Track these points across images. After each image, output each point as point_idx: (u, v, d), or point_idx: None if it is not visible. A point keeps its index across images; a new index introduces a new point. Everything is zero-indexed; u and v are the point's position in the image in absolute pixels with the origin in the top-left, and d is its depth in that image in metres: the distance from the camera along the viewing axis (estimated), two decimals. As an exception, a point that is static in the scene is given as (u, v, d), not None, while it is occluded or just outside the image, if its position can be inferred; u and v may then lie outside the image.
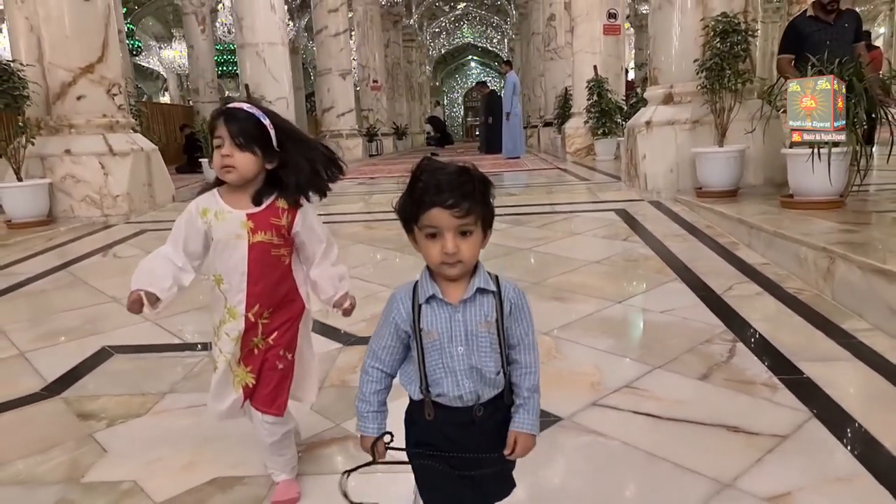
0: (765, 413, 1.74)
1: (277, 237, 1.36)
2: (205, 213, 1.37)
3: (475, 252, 0.96)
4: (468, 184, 0.93)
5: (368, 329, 2.53)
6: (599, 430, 1.70)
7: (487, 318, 0.97)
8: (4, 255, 4.23)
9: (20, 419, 1.98)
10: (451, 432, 0.99)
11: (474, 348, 0.97)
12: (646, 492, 1.46)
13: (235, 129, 1.31)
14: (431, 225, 0.93)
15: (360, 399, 1.04)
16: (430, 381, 0.97)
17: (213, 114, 1.37)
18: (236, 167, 1.32)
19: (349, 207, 6.05)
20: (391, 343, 1.00)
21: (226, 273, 1.37)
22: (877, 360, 1.99)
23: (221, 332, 1.39)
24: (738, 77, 4.24)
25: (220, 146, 1.32)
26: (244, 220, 1.35)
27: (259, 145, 1.32)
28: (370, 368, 1.02)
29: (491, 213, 0.98)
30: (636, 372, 2.03)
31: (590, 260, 3.45)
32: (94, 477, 1.61)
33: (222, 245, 1.36)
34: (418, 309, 0.97)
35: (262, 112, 1.35)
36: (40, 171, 5.15)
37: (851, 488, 1.40)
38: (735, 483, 1.43)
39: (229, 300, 1.37)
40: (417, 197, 0.93)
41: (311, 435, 1.76)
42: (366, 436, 1.03)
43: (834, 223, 3.07)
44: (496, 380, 0.99)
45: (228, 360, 1.40)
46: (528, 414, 1.01)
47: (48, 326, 2.86)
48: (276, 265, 1.38)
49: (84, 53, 5.27)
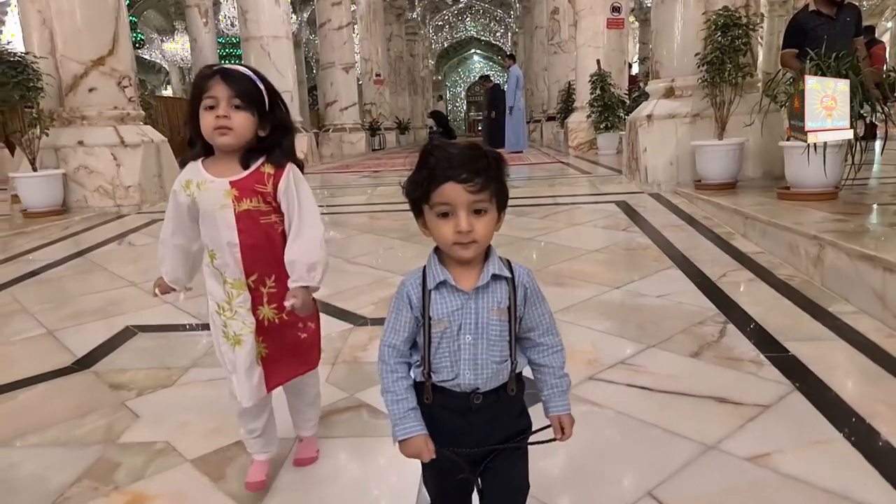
0: (750, 386, 1.86)
1: (264, 204, 1.29)
2: (187, 185, 1.30)
3: (489, 232, 0.91)
4: (482, 159, 0.89)
5: (377, 311, 2.68)
6: (595, 400, 1.83)
7: (500, 305, 0.93)
8: (23, 243, 4.37)
9: (56, 389, 2.12)
10: (447, 418, 0.94)
11: (483, 337, 0.92)
12: (636, 453, 1.58)
13: (235, 89, 1.22)
14: (444, 202, 0.88)
15: (392, 399, 0.94)
16: (434, 367, 0.94)
17: (204, 72, 1.25)
18: (233, 128, 1.23)
19: (354, 199, 6.18)
20: (414, 331, 0.95)
21: (217, 246, 1.30)
22: (859, 339, 2.12)
23: (234, 308, 1.32)
24: (739, 71, 4.35)
25: (213, 107, 1.22)
26: (227, 188, 1.27)
27: (255, 107, 1.25)
28: (397, 365, 0.95)
29: (505, 193, 0.93)
30: (631, 350, 2.16)
31: (590, 249, 3.57)
32: (129, 438, 1.75)
33: (209, 217, 1.29)
34: (428, 295, 0.92)
35: (255, 74, 1.28)
36: (54, 162, 5.28)
37: (827, 450, 1.53)
38: (719, 445, 1.56)
39: (228, 275, 1.31)
40: (429, 173, 0.89)
41: (327, 404, 1.89)
42: (414, 436, 0.92)
43: (826, 213, 3.19)
44: (500, 369, 0.94)
45: (252, 331, 1.34)
46: (564, 395, 0.99)
47: (72, 308, 3.00)
48: (268, 233, 1.31)
49: (95, 46, 5.39)
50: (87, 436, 1.79)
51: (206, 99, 1.22)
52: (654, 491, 1.39)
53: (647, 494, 1.39)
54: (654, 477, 1.44)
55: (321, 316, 1.51)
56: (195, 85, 1.26)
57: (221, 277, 1.32)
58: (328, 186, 7.43)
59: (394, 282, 3.11)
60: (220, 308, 1.34)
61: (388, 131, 17.58)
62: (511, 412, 0.98)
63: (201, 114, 1.23)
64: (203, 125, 1.24)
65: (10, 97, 4.68)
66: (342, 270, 3.44)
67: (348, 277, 3.28)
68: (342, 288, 3.05)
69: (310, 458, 1.58)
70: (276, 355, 1.37)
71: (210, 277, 1.35)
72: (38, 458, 1.70)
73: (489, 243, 0.93)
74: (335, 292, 2.96)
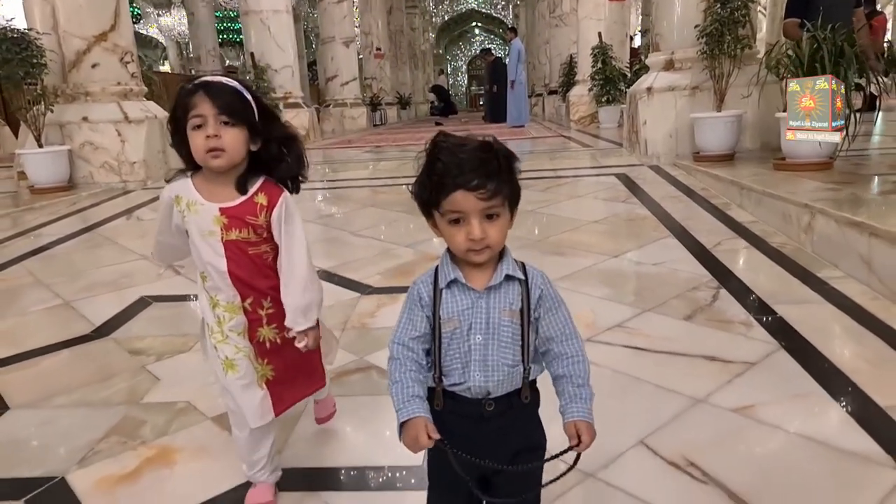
0: (739, 346, 1.96)
1: (254, 235, 1.22)
2: (178, 200, 1.22)
3: (503, 236, 0.88)
4: (492, 161, 0.84)
5: (383, 281, 2.77)
6: (592, 360, 1.89)
7: (512, 307, 0.90)
8: (32, 219, 4.46)
9: (78, 355, 2.22)
10: (459, 426, 0.90)
11: (494, 338, 0.89)
12: (630, 407, 1.69)
13: (221, 104, 1.14)
14: (455, 210, 0.85)
15: (398, 388, 0.90)
16: (444, 370, 0.91)
17: (186, 89, 1.17)
18: (225, 149, 1.15)
19: (357, 174, 6.24)
20: (426, 331, 0.91)
21: (207, 270, 1.24)
22: (845, 302, 2.21)
23: (225, 331, 1.25)
24: (738, 42, 4.37)
25: (201, 126, 1.14)
26: (217, 214, 1.19)
27: (246, 122, 1.17)
28: (407, 360, 0.91)
29: (518, 191, 0.90)
30: (627, 314, 2.25)
31: (590, 220, 3.65)
32: (152, 399, 1.86)
33: (197, 241, 1.22)
34: (439, 294, 0.90)
35: (241, 84, 1.20)
36: (59, 139, 5.34)
37: (806, 402, 1.63)
38: (707, 398, 1.66)
39: (221, 297, 1.25)
40: (437, 179, 0.85)
41: (339, 365, 2.00)
42: (414, 418, 0.86)
43: (820, 183, 3.26)
44: (512, 372, 0.90)
45: (248, 355, 1.27)
46: (585, 402, 0.91)
47: (86, 280, 3.09)
48: (258, 263, 1.24)
49: (97, 22, 5.40)
50: (112, 397, 1.90)
51: (193, 118, 1.14)
52: (646, 440, 1.50)
53: (639, 443, 1.49)
54: (646, 427, 1.54)
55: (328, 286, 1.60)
56: (179, 104, 1.16)
57: (212, 301, 1.25)
58: (331, 162, 7.47)
59: (398, 253, 3.20)
60: (211, 330, 1.27)
61: (388, 106, 17.50)
62: (525, 422, 0.95)
63: (190, 135, 1.15)
64: (194, 147, 1.15)
65: (15, 74, 4.72)
66: (348, 243, 3.52)
67: (354, 249, 3.37)
68: (349, 259, 3.14)
69: (329, 414, 1.65)
70: (282, 377, 1.32)
71: (201, 294, 1.29)
72: (67, 417, 1.81)
73: (504, 244, 0.90)
74: (342, 263, 3.05)
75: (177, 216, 1.23)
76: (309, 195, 5.24)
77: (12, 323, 2.59)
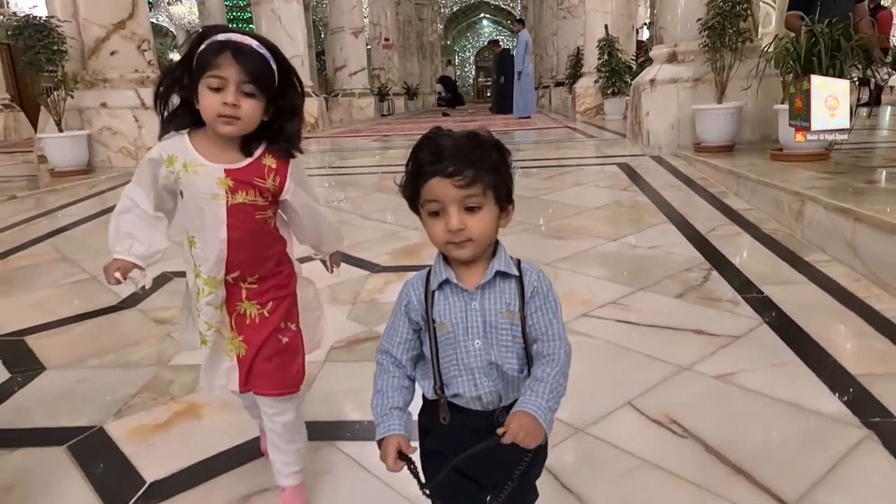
0: (725, 321, 2.10)
1: (261, 198, 1.14)
2: (171, 161, 1.11)
3: (488, 229, 0.82)
4: (475, 150, 0.80)
5: (391, 261, 2.92)
6: (587, 332, 2.07)
7: (510, 308, 0.84)
8: (54, 200, 4.63)
9: (107, 323, 2.38)
10: (471, 441, 0.82)
11: (493, 342, 0.84)
12: (620, 374, 1.82)
13: (248, 71, 1.05)
14: (432, 199, 0.80)
15: (379, 398, 0.86)
16: (445, 379, 0.85)
17: (213, 46, 1.05)
18: (241, 118, 1.07)
19: (366, 161, 6.38)
20: (408, 337, 0.87)
21: (200, 236, 1.15)
22: (829, 283, 2.34)
23: (202, 305, 1.18)
24: (739, 36, 4.47)
25: (220, 89, 1.04)
26: (221, 176, 1.10)
27: (267, 93, 1.09)
28: (389, 366, 0.88)
29: (506, 185, 0.83)
30: (622, 292, 2.39)
31: (590, 206, 3.78)
32: (178, 362, 2.01)
33: (194, 205, 1.12)
34: (431, 297, 0.85)
35: (268, 49, 1.10)
36: (79, 124, 5.50)
37: (783, 370, 1.77)
38: (692, 367, 1.80)
39: (204, 269, 1.15)
40: (416, 168, 0.81)
41: (350, 334, 2.15)
42: (390, 435, 0.82)
43: (813, 173, 3.37)
44: (519, 379, 0.85)
45: (218, 328, 1.21)
46: (536, 396, 0.81)
47: (110, 257, 3.25)
48: (260, 229, 1.17)
49: (115, 10, 5.55)
50: (141, 360, 2.06)
51: (211, 77, 1.04)
52: (633, 401, 1.64)
53: (626, 404, 1.63)
54: (634, 391, 1.69)
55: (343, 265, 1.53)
56: (200, 56, 1.06)
57: (195, 269, 1.17)
58: (340, 150, 7.60)
59: (405, 235, 3.34)
60: (192, 300, 1.23)
61: (396, 97, 17.59)
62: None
63: (202, 92, 1.06)
64: (204, 106, 1.06)
65: (38, 60, 4.87)
66: (358, 225, 3.67)
67: (364, 231, 3.51)
68: (358, 240, 3.28)
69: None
70: (251, 359, 1.21)
71: (187, 260, 1.20)
72: (101, 376, 1.97)
73: (492, 241, 0.85)
74: (352, 244, 3.19)
75: (166, 177, 1.12)
76: (318, 181, 5.39)
77: (44, 294, 2.75)
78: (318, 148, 7.28)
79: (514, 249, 0.90)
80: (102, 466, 1.50)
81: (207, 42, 1.07)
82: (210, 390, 1.27)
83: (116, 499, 1.37)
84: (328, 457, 1.49)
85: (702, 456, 1.41)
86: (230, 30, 1.09)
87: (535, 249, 2.94)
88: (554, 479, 1.34)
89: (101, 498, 1.38)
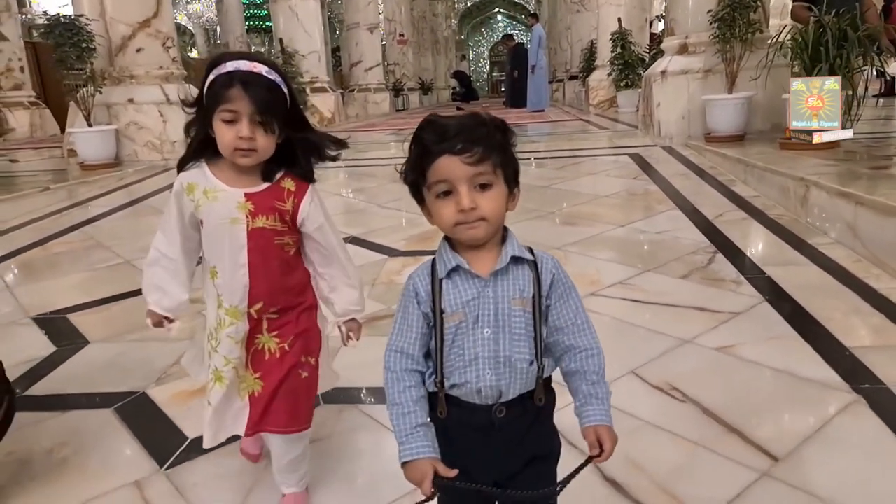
0: (727, 299, 2.20)
1: (281, 223, 1.13)
2: (191, 189, 1.12)
3: (499, 208, 0.79)
4: (480, 127, 0.78)
5: (408, 246, 3.05)
6: (595, 309, 2.18)
7: (523, 294, 0.80)
8: (85, 191, 4.84)
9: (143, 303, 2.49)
10: (465, 436, 0.82)
11: (505, 331, 0.80)
12: (625, 346, 1.93)
13: (258, 102, 1.04)
14: (441, 178, 0.77)
15: (398, 413, 0.81)
16: (446, 370, 0.81)
17: (221, 78, 1.05)
18: (258, 150, 1.07)
19: (383, 153, 6.52)
20: (424, 331, 0.82)
21: (220, 265, 1.14)
22: (830, 264, 2.42)
23: (221, 337, 1.16)
24: (749, 27, 4.52)
25: (233, 121, 1.05)
26: (242, 200, 1.11)
27: (280, 118, 1.08)
28: (404, 373, 0.82)
29: (514, 164, 0.82)
30: (629, 273, 2.50)
31: (601, 194, 3.89)
32: (212, 335, 2.16)
33: (214, 231, 1.12)
34: (439, 285, 0.80)
35: (279, 76, 1.09)
36: (107, 119, 5.71)
37: (780, 343, 1.86)
38: (693, 340, 1.90)
39: (226, 298, 1.15)
40: (422, 149, 0.78)
41: (370, 312, 2.28)
42: (420, 459, 0.78)
43: (820, 160, 3.44)
44: (528, 371, 0.81)
45: (236, 367, 1.17)
46: (602, 402, 0.82)
47: (142, 243, 3.41)
48: (281, 256, 1.15)
49: (141, 9, 5.75)
50: (177, 335, 2.20)
51: (224, 112, 1.05)
52: (637, 370, 1.75)
53: (630, 372, 1.75)
54: (638, 361, 1.80)
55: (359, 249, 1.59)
56: (210, 89, 1.07)
57: (217, 300, 1.16)
58: (356, 143, 7.74)
59: (421, 222, 3.43)
60: (210, 334, 1.20)
61: (411, 92, 17.72)
62: (540, 428, 0.85)
63: (218, 126, 1.06)
64: (221, 140, 1.07)
65: (68, 57, 5.07)
66: (375, 214, 3.81)
67: (381, 219, 3.65)
68: (376, 227, 3.42)
69: None
70: (268, 396, 1.17)
71: (208, 292, 1.20)
72: (140, 349, 2.13)
73: (503, 223, 0.82)
74: (370, 230, 3.33)
75: (188, 205, 1.13)
76: (336, 172, 5.54)
77: (82, 277, 2.93)
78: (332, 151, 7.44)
79: (526, 235, 0.97)
80: (147, 425, 1.65)
81: (216, 73, 1.07)
82: (214, 440, 1.21)
83: (162, 452, 1.51)
84: (352, 419, 1.63)
85: (699, 418, 1.52)
86: (238, 56, 1.09)
87: (547, 235, 3.06)
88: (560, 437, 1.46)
89: (148, 451, 1.53)
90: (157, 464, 1.47)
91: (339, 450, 1.50)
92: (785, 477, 1.28)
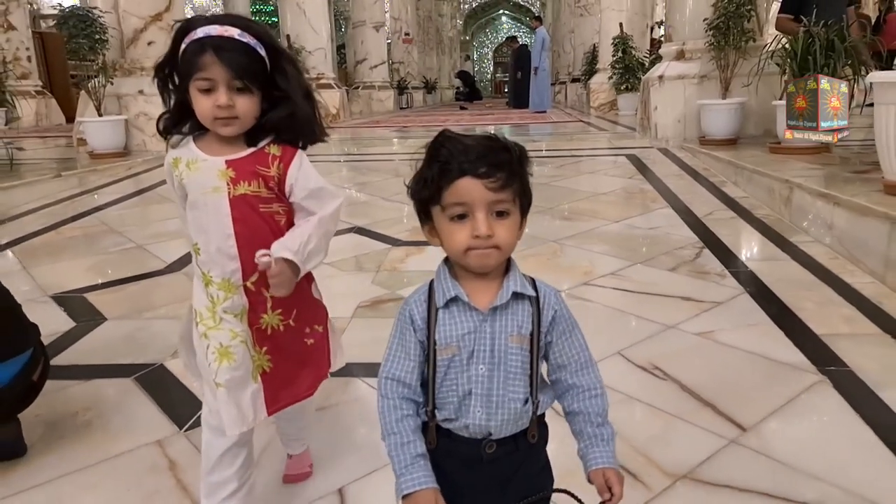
0: (711, 290, 2.34)
1: (266, 189, 1.07)
2: (176, 163, 1.08)
3: (513, 238, 0.76)
4: (504, 152, 0.75)
5: (411, 236, 3.19)
6: (586, 297, 2.32)
7: (521, 331, 0.77)
8: (95, 179, 4.97)
9: (156, 284, 2.67)
10: (452, 470, 0.79)
11: (500, 368, 0.77)
12: (612, 331, 2.06)
13: (235, 67, 0.99)
14: (459, 201, 0.73)
15: (396, 443, 0.78)
16: (438, 402, 0.79)
17: (192, 45, 0.99)
18: (238, 117, 1.02)
19: (387, 149, 6.65)
20: (421, 360, 0.79)
21: (204, 239, 1.08)
22: (808, 260, 2.57)
23: (218, 314, 1.08)
24: (743, 35, 4.67)
25: (209, 90, 1.00)
26: (222, 167, 1.05)
27: (260, 84, 1.03)
28: (401, 401, 0.79)
29: (529, 195, 0.79)
30: (620, 265, 2.63)
31: (597, 192, 4.03)
32: (225, 313, 2.29)
33: (197, 202, 1.07)
34: (435, 315, 0.78)
35: (254, 37, 1.02)
36: (117, 109, 5.83)
37: (757, 329, 2.00)
38: (677, 325, 2.04)
39: (214, 272, 1.07)
40: (441, 167, 0.74)
41: (374, 296, 2.41)
42: (422, 490, 0.75)
43: (806, 164, 3.58)
44: (521, 411, 0.78)
45: (245, 340, 1.10)
46: (608, 444, 0.80)
47: (153, 229, 3.56)
48: (269, 224, 1.08)
49: (153, 2, 5.87)
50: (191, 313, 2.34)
51: (199, 81, 1.00)
52: (623, 351, 1.89)
53: (616, 353, 1.88)
54: (624, 343, 1.93)
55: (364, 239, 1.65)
56: (183, 57, 1.01)
57: (205, 278, 1.09)
58: (360, 139, 7.88)
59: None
60: (200, 316, 1.10)
61: (415, 90, 17.84)
62: (531, 466, 0.83)
63: (195, 96, 1.01)
64: (199, 110, 1.02)
65: (81, 47, 5.20)
66: (379, 206, 3.95)
67: (385, 211, 3.78)
68: (380, 219, 3.55)
69: (303, 473, 1.38)
70: (280, 370, 1.15)
71: (194, 274, 1.13)
72: (156, 326, 2.26)
73: (512, 251, 0.78)
74: (375, 221, 3.47)
75: (176, 181, 1.09)
76: (341, 167, 5.67)
77: (98, 259, 3.06)
78: (339, 137, 7.55)
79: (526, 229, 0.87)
80: (166, 393, 1.78)
81: (187, 41, 1.01)
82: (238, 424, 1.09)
83: (181, 415, 1.64)
84: (357, 389, 1.76)
85: (678, 394, 1.66)
86: (209, 20, 1.02)
87: (546, 229, 3.19)
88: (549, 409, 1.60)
89: (168, 415, 1.66)
90: (176, 426, 1.59)
91: (348, 416, 1.63)
92: (751, 444, 1.42)
